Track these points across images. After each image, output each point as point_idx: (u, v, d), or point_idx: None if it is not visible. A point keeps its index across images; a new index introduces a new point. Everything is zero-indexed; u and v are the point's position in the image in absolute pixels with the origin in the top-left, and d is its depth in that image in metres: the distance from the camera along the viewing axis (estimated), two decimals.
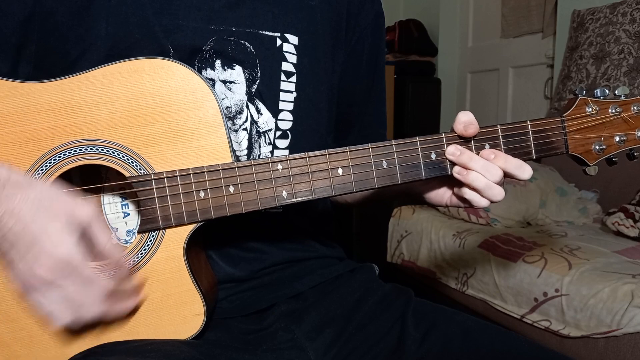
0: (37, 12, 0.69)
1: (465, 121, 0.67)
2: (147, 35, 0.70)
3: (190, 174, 0.64)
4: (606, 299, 1.35)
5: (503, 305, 1.67)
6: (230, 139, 0.66)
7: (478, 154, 0.68)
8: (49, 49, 0.71)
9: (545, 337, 1.51)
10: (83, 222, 0.57)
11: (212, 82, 0.74)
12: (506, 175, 0.68)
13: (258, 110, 0.76)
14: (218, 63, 0.74)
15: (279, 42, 0.77)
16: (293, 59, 0.78)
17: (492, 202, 0.68)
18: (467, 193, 0.69)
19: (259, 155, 0.77)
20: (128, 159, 0.64)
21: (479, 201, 0.68)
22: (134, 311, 0.66)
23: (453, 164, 0.68)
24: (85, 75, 0.64)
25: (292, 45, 0.78)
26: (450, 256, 1.94)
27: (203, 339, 0.68)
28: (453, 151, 0.67)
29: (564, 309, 1.45)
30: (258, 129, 0.76)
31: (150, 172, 0.64)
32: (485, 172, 0.66)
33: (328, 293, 0.81)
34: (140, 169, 0.64)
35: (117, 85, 0.64)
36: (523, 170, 0.67)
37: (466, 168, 0.67)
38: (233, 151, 0.66)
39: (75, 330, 0.65)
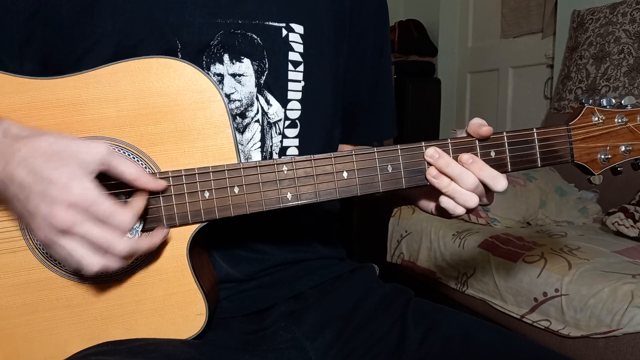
0: (42, 10, 0.69)
1: (480, 122, 0.68)
2: (154, 32, 0.70)
3: (195, 174, 0.64)
4: (606, 299, 1.36)
5: (503, 305, 1.67)
6: (237, 140, 0.66)
7: (456, 158, 0.68)
8: (53, 46, 0.71)
9: (545, 337, 1.51)
10: (95, 161, 0.56)
11: (221, 76, 0.74)
12: (481, 183, 0.68)
13: (267, 102, 0.76)
14: (226, 57, 0.74)
15: (284, 32, 0.77)
16: (300, 48, 0.78)
17: (466, 208, 0.68)
18: (443, 201, 0.68)
19: (271, 146, 0.77)
20: (134, 158, 0.64)
21: (454, 209, 0.68)
22: (135, 310, 0.66)
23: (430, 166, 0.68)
24: (93, 73, 0.64)
25: (297, 35, 0.78)
26: (450, 256, 1.94)
27: (204, 339, 0.68)
28: (432, 154, 0.67)
29: (564, 309, 1.45)
30: (269, 119, 0.76)
31: (156, 171, 0.64)
32: (459, 180, 0.66)
33: (328, 293, 0.81)
34: (145, 167, 0.64)
35: (124, 83, 0.64)
36: (497, 181, 0.67)
37: (442, 172, 0.67)
38: (238, 152, 0.66)
39: (75, 329, 0.65)
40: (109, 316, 0.66)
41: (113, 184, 0.62)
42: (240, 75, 0.74)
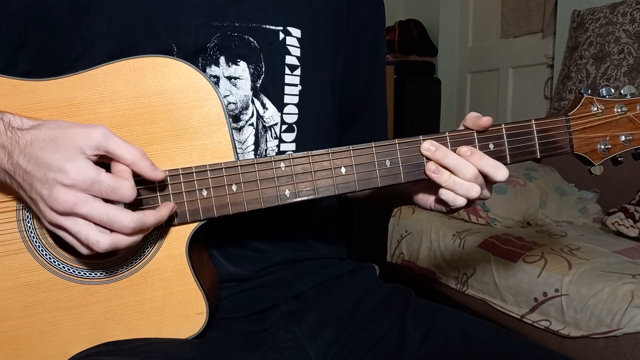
0: (37, 12, 0.69)
1: (478, 115, 0.68)
2: (150, 34, 0.70)
3: (193, 173, 0.64)
4: (606, 299, 1.35)
5: (503, 305, 1.67)
6: (234, 138, 0.66)
7: (454, 151, 0.67)
8: (49, 48, 0.70)
9: (545, 337, 1.51)
10: (92, 146, 0.57)
11: (216, 78, 0.74)
12: (482, 174, 0.67)
13: (263, 105, 0.76)
14: (222, 59, 0.73)
15: (281, 35, 0.77)
16: (297, 52, 0.78)
17: (468, 199, 0.68)
18: (443, 193, 0.68)
19: (266, 150, 0.77)
20: None
21: (454, 200, 0.68)
22: (135, 310, 0.66)
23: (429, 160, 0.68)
24: (88, 74, 0.64)
25: (295, 39, 0.78)
26: (450, 256, 1.94)
27: (204, 339, 0.68)
28: (428, 147, 0.67)
29: (564, 309, 1.45)
30: (264, 123, 0.76)
31: None
32: (458, 171, 0.66)
33: (328, 293, 0.81)
34: None
35: (119, 83, 0.64)
36: (498, 170, 0.67)
37: (440, 165, 0.67)
38: (236, 150, 0.66)
39: (76, 330, 0.65)
40: (110, 316, 0.66)
41: None
42: (235, 78, 0.74)
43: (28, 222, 0.64)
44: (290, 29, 0.77)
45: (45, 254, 0.64)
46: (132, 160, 0.59)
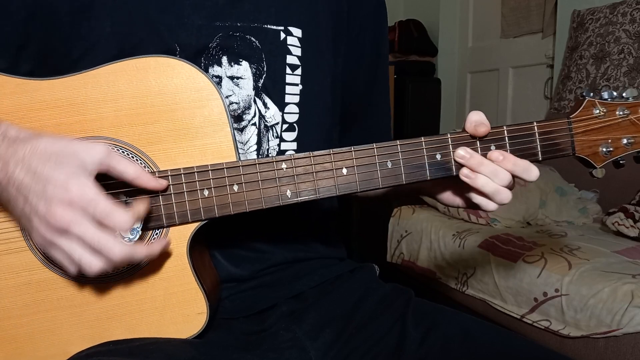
0: (38, 12, 0.69)
1: (477, 120, 0.67)
2: (152, 34, 0.70)
3: (194, 172, 0.64)
4: (606, 299, 1.36)
5: (503, 305, 1.67)
6: (235, 138, 0.66)
7: (485, 155, 0.67)
8: (49, 48, 0.71)
9: (545, 337, 1.51)
10: (94, 162, 0.57)
11: (219, 79, 0.74)
12: (513, 176, 0.68)
13: (265, 105, 0.76)
14: (225, 59, 0.73)
15: (282, 35, 0.77)
16: (297, 51, 0.78)
17: (500, 205, 0.68)
18: (476, 197, 0.68)
19: (268, 149, 0.77)
20: (133, 157, 0.64)
21: (487, 205, 0.69)
22: (136, 309, 0.66)
23: (460, 165, 0.68)
24: (91, 73, 0.64)
25: (296, 38, 0.78)
26: (450, 256, 1.94)
27: (205, 339, 0.69)
28: (462, 154, 0.67)
29: (564, 309, 1.45)
30: (266, 123, 0.76)
31: (155, 170, 0.64)
32: (494, 177, 0.66)
33: (328, 293, 0.81)
34: (144, 167, 0.64)
35: (122, 82, 0.64)
36: (530, 172, 0.67)
37: (475, 172, 0.67)
38: (237, 150, 0.66)
39: (77, 329, 0.65)
40: (110, 316, 0.66)
41: (113, 184, 0.62)
42: (238, 78, 0.74)
43: None
44: (291, 28, 0.77)
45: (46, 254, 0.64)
46: (135, 175, 0.59)
